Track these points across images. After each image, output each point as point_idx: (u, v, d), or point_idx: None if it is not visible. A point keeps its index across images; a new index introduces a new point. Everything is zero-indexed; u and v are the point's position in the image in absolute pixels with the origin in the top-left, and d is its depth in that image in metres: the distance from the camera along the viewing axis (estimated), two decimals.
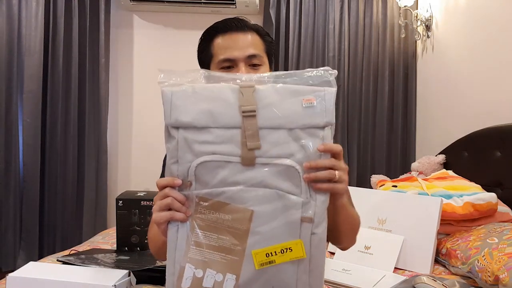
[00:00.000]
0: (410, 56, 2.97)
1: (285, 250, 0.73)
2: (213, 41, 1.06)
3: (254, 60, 1.04)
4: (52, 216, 2.95)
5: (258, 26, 1.10)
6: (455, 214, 1.71)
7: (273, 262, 0.73)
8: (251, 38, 1.05)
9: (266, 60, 1.09)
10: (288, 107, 0.74)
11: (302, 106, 0.74)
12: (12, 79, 2.86)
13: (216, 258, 0.73)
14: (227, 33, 1.05)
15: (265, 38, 1.09)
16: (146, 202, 1.62)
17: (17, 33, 2.84)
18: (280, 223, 0.73)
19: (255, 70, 1.06)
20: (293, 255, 0.73)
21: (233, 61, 1.04)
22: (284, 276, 0.74)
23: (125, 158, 3.14)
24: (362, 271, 1.55)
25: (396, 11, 2.97)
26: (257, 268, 0.72)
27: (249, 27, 1.07)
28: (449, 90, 2.56)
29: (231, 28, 1.05)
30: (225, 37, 1.05)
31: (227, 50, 1.04)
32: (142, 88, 3.14)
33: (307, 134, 0.74)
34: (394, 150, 2.98)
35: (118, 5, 3.04)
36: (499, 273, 1.25)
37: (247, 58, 1.04)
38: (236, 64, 1.04)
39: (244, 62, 1.03)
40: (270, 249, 0.73)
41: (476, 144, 2.15)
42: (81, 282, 1.06)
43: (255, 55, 1.04)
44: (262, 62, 1.07)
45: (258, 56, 1.05)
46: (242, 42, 1.04)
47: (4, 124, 2.85)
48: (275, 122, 0.73)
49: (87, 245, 1.86)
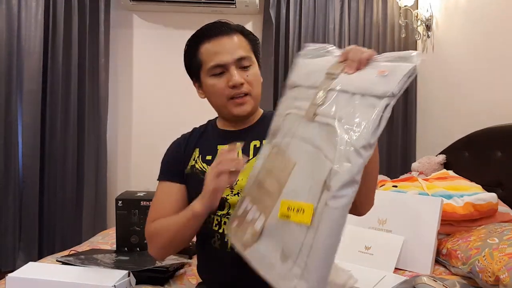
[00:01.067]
0: None
1: (300, 210, 0.73)
2: (200, 48, 1.07)
3: (244, 62, 1.06)
4: (51, 217, 2.95)
5: (241, 27, 1.11)
6: (455, 214, 1.71)
7: (289, 218, 0.74)
8: (237, 40, 1.07)
9: (255, 59, 1.11)
10: (363, 76, 0.78)
11: (375, 76, 0.76)
12: (12, 79, 2.86)
13: (261, 197, 0.82)
14: (213, 39, 1.06)
15: (250, 37, 1.11)
16: (146, 202, 1.62)
17: (16, 33, 2.84)
18: (310, 182, 0.73)
19: (245, 71, 1.07)
20: (302, 218, 0.72)
21: (224, 66, 1.05)
22: (293, 240, 0.74)
23: (125, 158, 3.14)
24: (362, 272, 1.55)
25: (396, 11, 2.97)
26: (279, 217, 0.76)
27: (233, 29, 1.08)
28: (450, 90, 2.56)
29: (216, 33, 1.06)
30: (212, 43, 1.06)
31: (216, 55, 1.05)
32: (142, 88, 3.14)
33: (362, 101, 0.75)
34: (394, 150, 2.98)
35: (117, 5, 3.04)
36: (500, 274, 1.25)
37: (237, 61, 1.05)
38: (227, 69, 1.05)
39: (234, 66, 1.05)
40: (292, 204, 0.75)
41: (476, 144, 2.15)
42: (80, 283, 1.06)
43: (244, 57, 1.06)
44: (251, 62, 1.08)
45: (247, 57, 1.07)
46: (229, 46, 1.05)
47: (4, 124, 2.84)
48: (346, 87, 0.77)
49: (86, 245, 1.85)
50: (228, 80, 1.05)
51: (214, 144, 1.14)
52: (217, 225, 1.11)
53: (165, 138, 2.93)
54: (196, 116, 2.18)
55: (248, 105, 1.09)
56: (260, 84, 1.13)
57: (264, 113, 1.19)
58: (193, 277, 1.47)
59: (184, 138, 1.20)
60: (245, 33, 1.10)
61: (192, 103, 3.10)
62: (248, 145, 1.11)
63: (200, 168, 1.12)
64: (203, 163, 1.12)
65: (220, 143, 1.13)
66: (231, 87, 1.05)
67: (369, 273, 1.54)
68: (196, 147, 1.16)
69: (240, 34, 1.09)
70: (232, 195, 1.09)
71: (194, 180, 1.11)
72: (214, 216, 1.12)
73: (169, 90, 3.11)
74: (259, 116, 1.17)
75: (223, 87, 1.06)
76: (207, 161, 1.12)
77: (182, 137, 1.21)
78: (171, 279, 1.43)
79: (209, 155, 1.13)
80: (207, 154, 1.13)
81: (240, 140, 1.11)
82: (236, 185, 1.08)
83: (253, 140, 1.12)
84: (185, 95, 3.12)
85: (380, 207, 1.75)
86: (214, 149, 1.13)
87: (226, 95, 1.07)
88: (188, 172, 1.13)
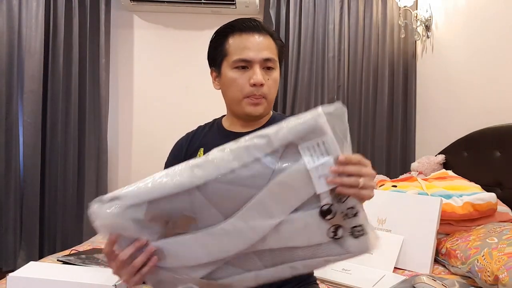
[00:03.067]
0: (410, 56, 2.97)
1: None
2: (228, 39, 1.07)
3: (269, 63, 1.06)
4: (52, 216, 2.95)
5: (272, 30, 1.11)
6: (454, 214, 1.72)
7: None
8: (267, 41, 1.06)
9: (278, 64, 1.10)
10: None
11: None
12: (13, 79, 2.86)
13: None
14: (244, 33, 1.05)
15: (277, 42, 1.10)
16: None
17: (17, 33, 2.85)
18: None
19: (268, 73, 1.07)
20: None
21: (249, 62, 1.04)
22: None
23: (125, 158, 3.15)
24: (362, 271, 1.55)
25: (396, 12, 2.97)
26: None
27: (265, 29, 1.08)
28: (449, 90, 2.56)
29: (247, 28, 1.05)
30: (242, 37, 1.05)
31: (243, 50, 1.04)
32: (142, 88, 3.14)
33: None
34: (394, 150, 2.98)
35: (118, 5, 3.04)
36: (499, 273, 1.25)
37: (263, 61, 1.05)
38: (251, 66, 1.04)
39: (259, 64, 1.04)
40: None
41: (475, 144, 2.15)
42: (81, 282, 1.07)
43: (270, 59, 1.05)
44: (275, 66, 1.08)
45: (272, 59, 1.06)
46: (258, 44, 1.05)
47: (5, 124, 2.85)
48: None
49: (87, 245, 1.86)
50: (250, 78, 1.05)
51: (220, 145, 1.14)
52: None
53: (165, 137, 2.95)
54: (197, 115, 2.19)
55: (262, 107, 1.08)
56: (276, 90, 1.12)
57: (273, 115, 1.18)
58: None
59: (188, 137, 1.20)
60: (274, 36, 1.10)
61: (193, 103, 3.12)
62: None
63: None
64: None
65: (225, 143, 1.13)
66: (251, 85, 1.05)
67: (368, 272, 1.55)
68: (201, 147, 1.15)
69: (270, 37, 1.09)
70: None
71: None
72: None
73: (170, 90, 3.12)
74: (268, 118, 1.16)
75: (244, 82, 1.06)
76: None
77: (186, 136, 1.21)
78: None
79: None
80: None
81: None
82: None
83: None
84: (186, 95, 3.14)
85: (380, 207, 1.77)
86: None
87: (244, 91, 1.06)
88: None
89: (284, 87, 3.00)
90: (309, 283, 1.15)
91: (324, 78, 2.97)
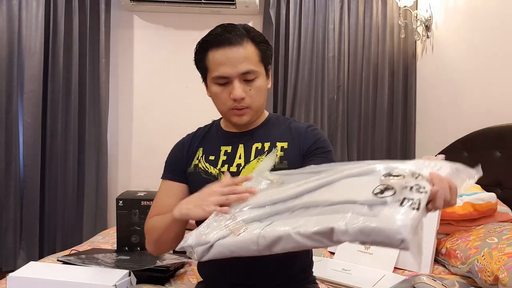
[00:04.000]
0: (410, 56, 2.97)
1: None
2: (207, 54, 1.07)
3: (248, 76, 1.05)
4: (52, 216, 2.95)
5: (253, 33, 1.08)
6: (454, 214, 1.72)
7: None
8: (244, 52, 1.05)
9: (262, 70, 1.09)
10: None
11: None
12: (13, 79, 2.86)
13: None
14: (220, 48, 1.04)
15: (260, 46, 1.09)
16: (146, 202, 1.62)
17: (17, 34, 2.85)
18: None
19: (249, 84, 1.06)
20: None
21: (227, 78, 1.05)
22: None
23: (125, 158, 3.15)
24: (362, 271, 1.55)
25: (396, 12, 2.97)
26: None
27: (242, 37, 1.05)
28: (449, 90, 2.56)
29: (223, 43, 1.04)
30: (219, 52, 1.04)
31: (220, 67, 1.04)
32: (142, 88, 3.14)
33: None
34: (394, 150, 2.98)
35: (118, 5, 3.05)
36: (499, 273, 1.25)
37: (241, 75, 1.05)
38: (231, 81, 1.05)
39: (238, 79, 1.05)
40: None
41: (475, 144, 2.15)
42: (81, 282, 1.06)
43: (249, 71, 1.05)
44: (256, 75, 1.07)
45: (251, 71, 1.05)
46: (236, 58, 1.04)
47: (5, 124, 2.85)
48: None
49: (87, 245, 1.86)
50: (230, 92, 1.05)
51: (218, 144, 1.15)
52: None
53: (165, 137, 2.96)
54: (196, 115, 2.20)
55: (247, 116, 1.10)
56: (263, 95, 1.12)
57: (269, 116, 1.20)
58: (193, 276, 1.47)
59: (189, 138, 1.22)
60: (256, 40, 1.08)
61: (193, 103, 3.12)
62: (250, 147, 1.12)
63: (203, 167, 1.13)
64: (206, 163, 1.13)
65: (223, 144, 1.14)
66: (232, 99, 1.06)
67: (368, 272, 1.55)
68: (200, 147, 1.17)
69: (251, 42, 1.06)
70: None
71: (197, 179, 1.12)
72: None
73: (170, 90, 3.12)
74: (264, 119, 1.18)
75: (225, 97, 1.07)
76: (210, 161, 1.13)
77: (187, 136, 1.23)
78: (172, 278, 1.43)
79: (212, 155, 1.14)
80: (210, 154, 1.14)
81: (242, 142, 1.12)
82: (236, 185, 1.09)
83: (255, 142, 1.13)
84: (186, 95, 3.14)
85: None
86: (217, 149, 1.14)
87: (227, 105, 1.08)
88: (191, 171, 1.15)
89: (284, 87, 3.00)
90: (308, 282, 1.15)
91: (324, 78, 2.97)
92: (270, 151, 1.11)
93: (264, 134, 1.14)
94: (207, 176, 1.11)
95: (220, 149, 1.14)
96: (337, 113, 2.99)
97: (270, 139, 1.13)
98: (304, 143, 1.11)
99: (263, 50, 1.09)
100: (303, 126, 1.16)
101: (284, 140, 1.12)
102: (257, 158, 1.10)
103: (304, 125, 1.17)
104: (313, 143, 1.10)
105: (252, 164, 1.09)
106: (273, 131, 1.15)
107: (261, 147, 1.11)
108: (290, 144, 1.11)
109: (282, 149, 1.10)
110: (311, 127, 1.16)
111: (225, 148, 1.14)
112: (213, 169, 1.12)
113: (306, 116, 2.95)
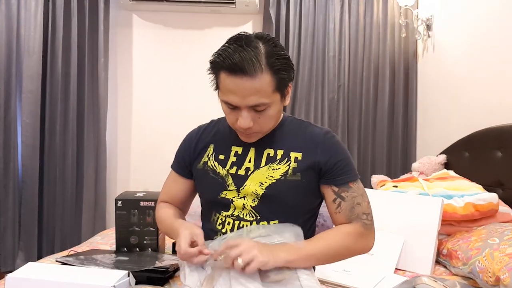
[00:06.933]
0: (411, 55, 2.96)
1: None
2: (219, 73, 1.00)
3: (258, 108, 1.00)
4: (51, 217, 2.94)
5: (273, 60, 0.97)
6: (456, 214, 1.71)
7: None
8: (258, 84, 0.95)
9: (276, 99, 1.02)
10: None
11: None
12: (11, 79, 2.85)
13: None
14: (233, 75, 0.96)
15: (280, 74, 0.99)
16: (145, 203, 1.61)
17: (16, 33, 2.83)
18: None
19: (260, 113, 1.01)
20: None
21: (235, 106, 1.00)
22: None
23: (124, 158, 3.13)
24: (363, 272, 1.55)
25: (397, 11, 2.96)
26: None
27: (258, 67, 0.95)
28: (450, 90, 2.56)
29: (237, 70, 0.94)
30: (229, 79, 0.97)
31: (229, 94, 0.98)
32: (141, 88, 3.13)
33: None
34: (395, 150, 2.97)
35: (117, 4, 3.03)
36: (500, 274, 1.25)
37: (250, 106, 0.99)
38: (239, 109, 1.00)
39: (247, 109, 0.99)
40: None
41: (477, 144, 2.14)
42: (80, 283, 1.06)
43: (258, 105, 0.98)
44: (266, 106, 1.00)
45: (261, 104, 0.99)
46: (246, 90, 0.96)
47: (3, 124, 2.84)
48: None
49: (86, 245, 1.85)
50: (237, 118, 1.01)
51: (229, 144, 1.15)
52: (220, 224, 1.12)
53: (164, 137, 2.95)
54: (196, 115, 2.18)
55: (255, 138, 1.08)
56: (274, 119, 1.07)
57: (284, 118, 1.17)
58: None
59: (199, 130, 1.22)
60: (275, 68, 0.97)
61: (192, 103, 3.11)
62: (261, 152, 1.11)
63: (211, 166, 1.13)
64: (215, 162, 1.14)
65: (235, 144, 1.14)
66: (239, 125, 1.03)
67: (369, 273, 1.54)
68: (212, 143, 1.17)
69: (269, 71, 0.96)
70: (238, 198, 1.10)
71: (204, 176, 1.14)
72: (218, 215, 1.13)
73: (169, 90, 3.11)
74: (278, 121, 1.14)
75: (233, 120, 1.04)
76: (219, 161, 1.13)
77: (197, 128, 1.24)
78: (171, 279, 1.42)
79: (222, 154, 1.14)
80: (220, 153, 1.14)
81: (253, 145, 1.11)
82: (243, 189, 1.10)
83: (268, 147, 1.11)
84: (185, 94, 3.13)
85: (381, 207, 1.76)
86: (228, 149, 1.14)
87: (234, 127, 1.06)
88: (200, 168, 1.15)
89: None
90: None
91: (325, 78, 2.96)
92: (282, 160, 1.09)
93: (278, 140, 1.12)
94: (214, 175, 1.12)
95: (231, 149, 1.13)
96: (338, 113, 2.98)
97: (284, 147, 1.10)
98: (321, 156, 1.08)
99: (281, 79, 1.00)
100: (320, 133, 1.12)
101: (299, 150, 1.09)
102: (268, 165, 1.09)
103: (321, 132, 1.13)
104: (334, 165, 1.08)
105: (262, 171, 1.09)
106: (288, 137, 1.12)
107: (273, 154, 1.10)
108: (305, 155, 1.09)
109: (295, 160, 1.09)
110: (328, 134, 1.13)
111: (236, 149, 1.13)
112: (222, 170, 1.11)
113: (306, 116, 2.94)
